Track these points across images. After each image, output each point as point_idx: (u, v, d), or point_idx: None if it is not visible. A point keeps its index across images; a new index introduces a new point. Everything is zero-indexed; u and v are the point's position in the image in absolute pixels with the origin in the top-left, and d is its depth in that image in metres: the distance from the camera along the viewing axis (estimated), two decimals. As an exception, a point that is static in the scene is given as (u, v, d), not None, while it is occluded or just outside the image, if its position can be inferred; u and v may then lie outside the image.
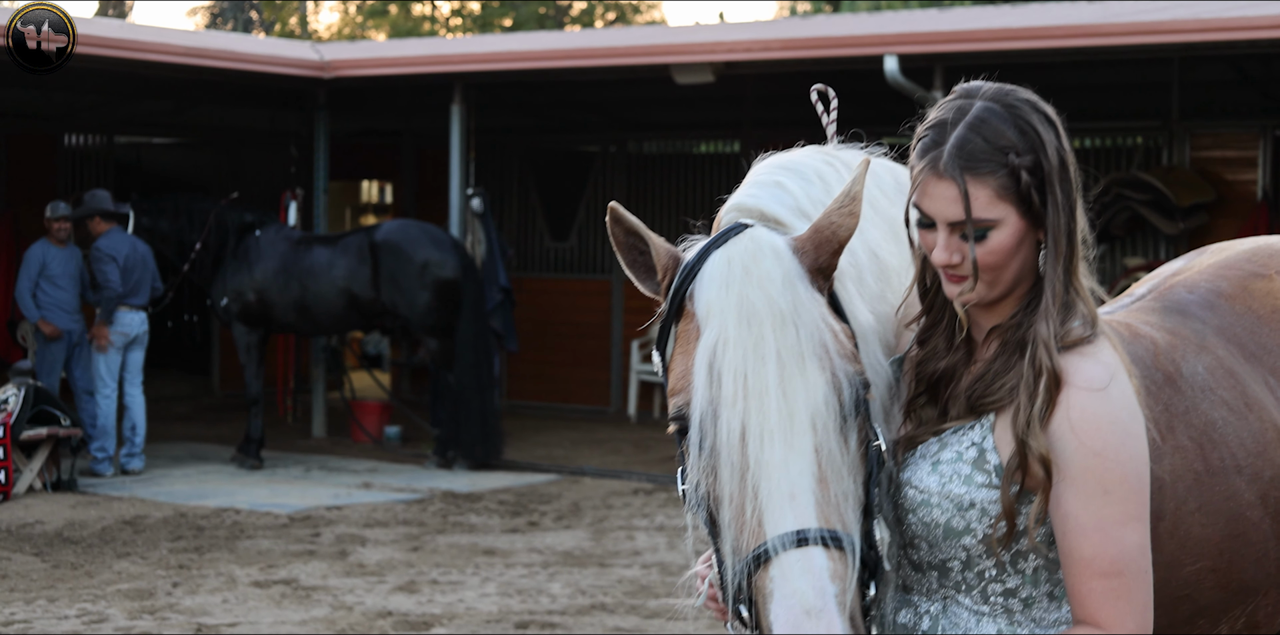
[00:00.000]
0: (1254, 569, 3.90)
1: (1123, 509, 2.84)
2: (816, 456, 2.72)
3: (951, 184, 2.85)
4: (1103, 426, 2.84)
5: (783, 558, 2.65)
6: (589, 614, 9.45)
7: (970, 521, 2.91)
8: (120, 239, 14.51)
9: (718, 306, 2.80)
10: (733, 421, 2.73)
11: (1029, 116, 2.89)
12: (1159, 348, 3.94)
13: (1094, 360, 2.89)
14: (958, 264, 2.89)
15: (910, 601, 3.02)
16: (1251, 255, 4.36)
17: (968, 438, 2.94)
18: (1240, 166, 17.18)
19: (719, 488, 2.76)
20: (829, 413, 2.75)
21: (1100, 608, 2.83)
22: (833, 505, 2.71)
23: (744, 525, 2.72)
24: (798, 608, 2.63)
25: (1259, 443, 3.95)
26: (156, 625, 9.10)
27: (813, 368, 2.75)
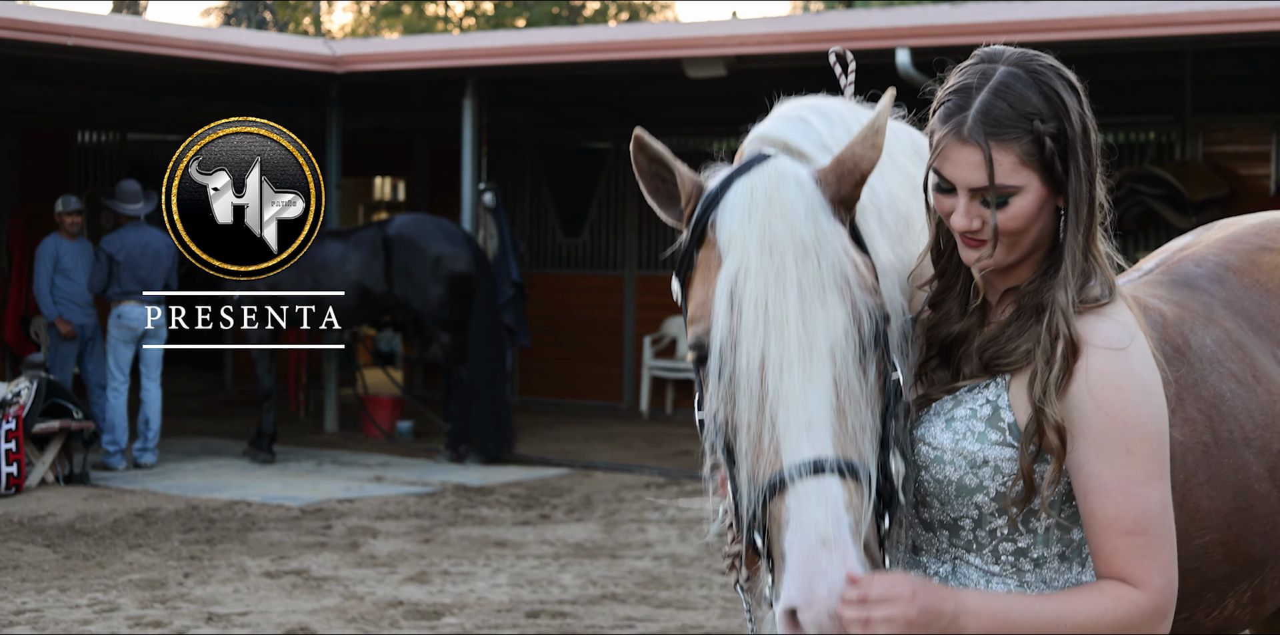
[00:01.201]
0: (1262, 542, 3.89)
1: (1145, 468, 2.84)
2: (835, 387, 2.71)
3: (976, 149, 2.84)
4: (1123, 386, 2.84)
5: (799, 486, 2.65)
6: (600, 604, 9.44)
7: (983, 479, 2.91)
8: (129, 234, 14.49)
9: (739, 235, 2.79)
10: (752, 350, 2.73)
11: (1053, 82, 2.88)
12: (1167, 320, 3.94)
13: (1112, 321, 2.89)
14: (977, 229, 2.88)
15: (919, 563, 3.02)
16: (1260, 229, 4.35)
17: (982, 396, 2.94)
18: (1253, 161, 17.15)
19: (737, 416, 2.76)
20: (848, 344, 2.74)
21: (1126, 565, 2.83)
22: (850, 436, 2.71)
23: (761, 454, 2.72)
24: (813, 537, 2.63)
25: (1267, 415, 3.95)
26: (167, 614, 9.11)
27: (833, 298, 2.74)
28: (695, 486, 13.72)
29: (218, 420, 18.49)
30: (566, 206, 20.70)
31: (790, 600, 2.64)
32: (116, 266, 14.32)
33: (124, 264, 14.33)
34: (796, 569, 2.63)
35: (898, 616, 2.65)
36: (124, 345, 14.52)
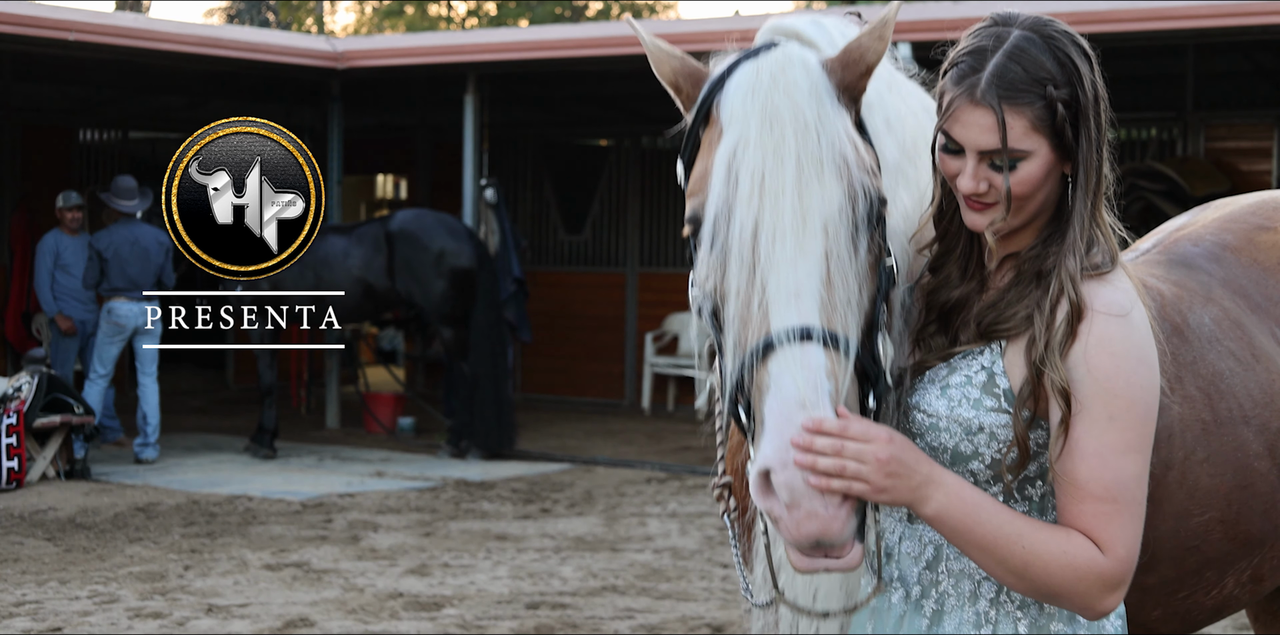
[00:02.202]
0: (1261, 520, 3.89)
1: (1124, 437, 2.81)
2: (825, 260, 2.72)
3: (988, 112, 2.82)
4: (1118, 352, 2.82)
5: (782, 351, 2.66)
6: (600, 595, 9.44)
7: (979, 446, 2.90)
8: (120, 231, 14.47)
9: (741, 111, 2.81)
10: (746, 219, 2.74)
11: (1067, 48, 2.86)
12: (1165, 299, 3.93)
13: (1113, 287, 2.88)
14: (984, 193, 2.87)
15: (915, 532, 3.01)
16: (1257, 208, 4.35)
17: (977, 362, 2.92)
18: (1255, 156, 17.14)
19: (727, 284, 2.77)
20: (842, 220, 2.75)
21: (1094, 527, 2.80)
22: (837, 309, 2.71)
23: (749, 320, 2.73)
24: (792, 399, 2.63)
25: (1266, 393, 3.94)
26: (167, 606, 9.10)
27: (830, 175, 2.75)
28: (697, 481, 13.72)
29: (219, 417, 18.49)
30: (568, 204, 20.70)
31: (765, 462, 2.63)
32: (105, 263, 14.31)
33: (112, 261, 14.31)
34: (773, 431, 2.63)
35: (869, 455, 2.64)
36: (110, 341, 14.50)
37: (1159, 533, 3.69)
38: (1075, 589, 2.77)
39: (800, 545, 2.65)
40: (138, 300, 14.41)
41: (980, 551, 2.76)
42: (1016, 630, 2.92)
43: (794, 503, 2.61)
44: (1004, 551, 2.75)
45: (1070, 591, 2.77)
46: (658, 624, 8.79)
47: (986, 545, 2.75)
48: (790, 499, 2.61)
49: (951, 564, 2.95)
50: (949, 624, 2.95)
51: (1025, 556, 2.75)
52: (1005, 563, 2.76)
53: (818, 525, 2.61)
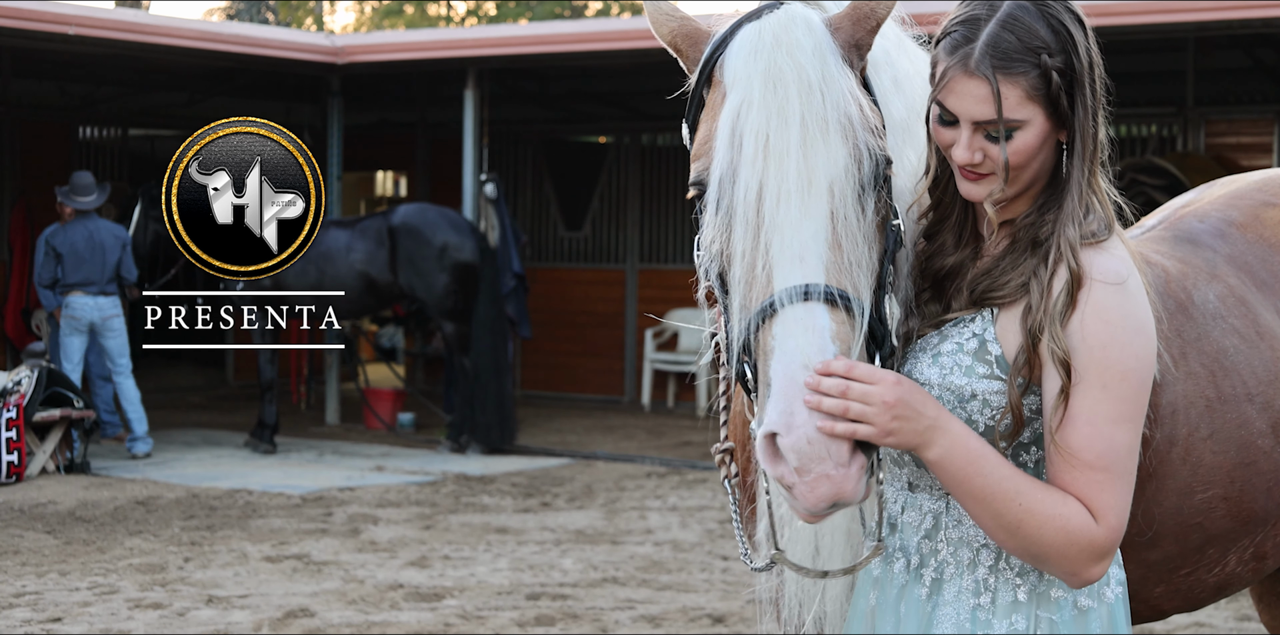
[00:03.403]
0: (1264, 498, 3.87)
1: (1116, 407, 2.79)
2: (831, 221, 2.71)
3: (983, 82, 2.80)
4: (1113, 321, 2.81)
5: (787, 311, 2.65)
6: (600, 587, 9.42)
7: (971, 413, 2.87)
8: (75, 228, 14.46)
9: (744, 72, 2.79)
10: (750, 181, 2.73)
11: (1061, 16, 2.85)
12: (1170, 276, 3.91)
13: (1110, 255, 2.87)
14: (978, 163, 2.85)
15: (916, 501, 2.99)
16: (1263, 185, 4.34)
17: (969, 329, 2.90)
18: (1255, 152, 17.14)
19: (732, 246, 2.76)
20: (847, 180, 2.73)
21: (1086, 494, 2.79)
22: (844, 269, 2.70)
23: (754, 281, 2.72)
24: (797, 361, 2.62)
25: (1270, 371, 3.92)
26: (167, 596, 9.09)
27: (835, 135, 2.73)
28: (698, 476, 13.71)
29: (219, 414, 18.48)
30: (568, 200, 20.68)
31: (771, 425, 2.61)
32: (61, 259, 14.32)
33: (68, 256, 14.31)
34: (779, 393, 2.61)
35: (875, 397, 2.62)
36: (71, 335, 14.47)
37: (1162, 509, 3.68)
38: (1065, 553, 2.75)
39: (816, 510, 2.63)
40: (94, 295, 14.40)
41: (977, 503, 2.75)
42: (1016, 597, 2.91)
43: (804, 467, 2.59)
44: (1000, 506, 2.74)
45: (1059, 555, 2.76)
46: (658, 614, 8.77)
47: (984, 497, 2.74)
48: (800, 463, 2.59)
49: (950, 532, 2.93)
50: (948, 592, 2.94)
51: (1020, 514, 2.74)
52: (1000, 517, 2.75)
53: (830, 487, 2.60)
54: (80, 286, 14.37)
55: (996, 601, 2.91)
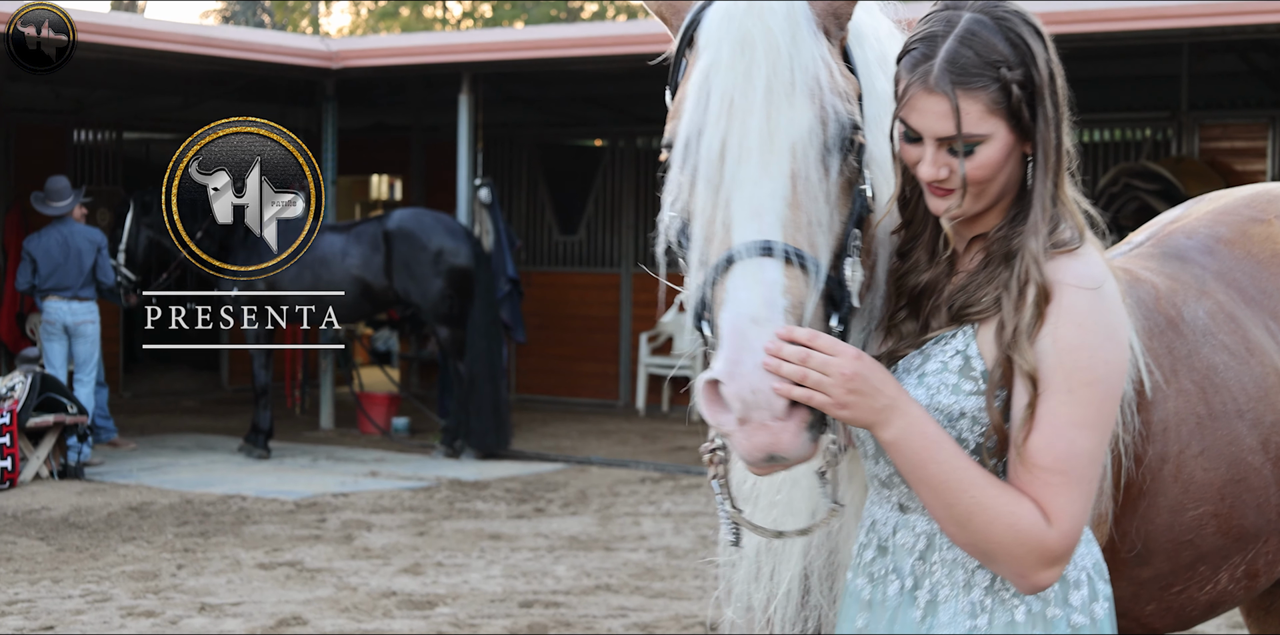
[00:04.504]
0: (1255, 515, 3.87)
1: (1080, 412, 2.78)
2: (792, 181, 2.75)
3: (942, 99, 2.80)
4: (1084, 324, 2.80)
5: (740, 265, 2.69)
6: (593, 594, 9.42)
7: (961, 431, 2.86)
8: (51, 233, 14.49)
9: (716, 35, 2.83)
10: (714, 139, 2.77)
11: (1019, 28, 2.85)
12: (1160, 292, 3.92)
13: (1084, 261, 2.86)
14: (944, 179, 2.85)
15: (909, 522, 2.97)
16: (1250, 200, 4.34)
17: (951, 346, 2.89)
18: (1249, 156, 17.14)
19: (694, 203, 2.81)
20: (811, 141, 2.77)
21: (1041, 496, 2.77)
22: (802, 228, 2.73)
23: (712, 237, 2.76)
24: (745, 314, 2.65)
25: (1260, 387, 3.93)
26: (160, 604, 9.08)
27: (801, 97, 2.77)
28: (691, 481, 13.70)
29: (214, 418, 18.47)
30: (563, 204, 20.68)
31: (714, 373, 2.65)
32: (36, 264, 14.36)
33: (43, 261, 14.36)
34: (725, 344, 2.65)
35: (834, 368, 2.65)
36: (49, 340, 14.52)
37: (1153, 526, 3.68)
38: (1013, 552, 2.74)
39: (752, 459, 2.67)
40: (68, 300, 14.42)
41: (930, 491, 2.76)
42: (1013, 618, 2.88)
43: (745, 416, 2.62)
44: (952, 496, 2.74)
45: (1007, 554, 2.75)
46: (651, 622, 8.77)
47: (937, 485, 2.74)
48: (741, 412, 2.62)
49: (944, 553, 2.91)
50: (944, 614, 2.91)
51: (971, 506, 2.74)
52: (951, 508, 2.75)
53: (768, 437, 2.63)
54: (55, 291, 14.40)
55: (994, 623, 2.89)
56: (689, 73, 2.89)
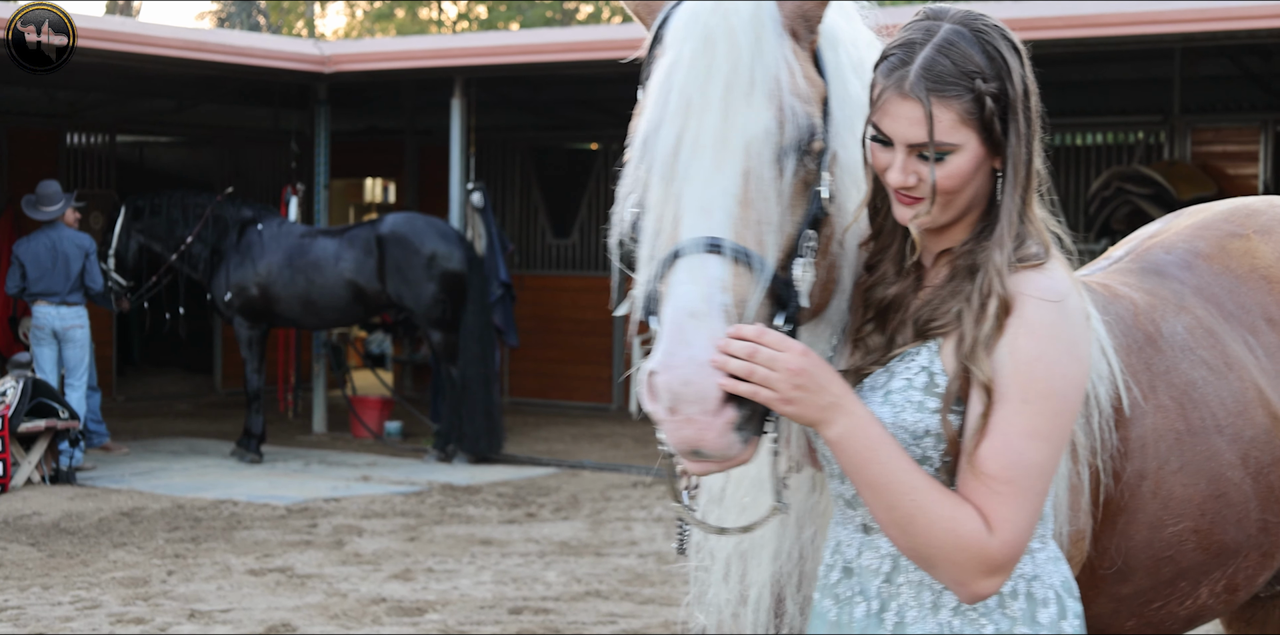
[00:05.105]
0: (1235, 530, 3.88)
1: (1033, 423, 2.76)
2: (744, 180, 2.75)
3: (916, 105, 2.81)
4: (1044, 336, 2.78)
5: (683, 260, 2.70)
6: (583, 600, 9.42)
7: (926, 450, 2.85)
8: (39, 238, 14.52)
9: (681, 34, 2.85)
10: (670, 135, 2.80)
11: (996, 43, 2.85)
12: (1138, 308, 3.92)
13: (1048, 276, 2.85)
14: (913, 186, 2.85)
15: (873, 543, 2.96)
16: (1229, 215, 4.34)
17: (915, 363, 2.88)
18: (1241, 160, 17.16)
19: (648, 197, 2.84)
20: (766, 141, 2.78)
21: (984, 503, 2.76)
22: (751, 226, 2.74)
23: (661, 232, 2.79)
24: (684, 308, 2.66)
25: (1239, 402, 3.93)
26: (149, 611, 9.08)
27: (760, 97, 2.78)
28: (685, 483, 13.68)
29: (207, 421, 18.47)
30: (556, 207, 20.68)
31: (651, 364, 2.66)
32: (25, 269, 14.38)
33: (31, 266, 14.39)
34: (663, 336, 2.66)
35: (780, 363, 2.65)
36: (38, 345, 14.51)
37: (1133, 542, 3.68)
38: (953, 558, 2.73)
39: (679, 451, 2.68)
40: (56, 305, 14.43)
41: (872, 493, 2.75)
42: None
43: (674, 407, 2.63)
44: (893, 498, 2.73)
45: (947, 560, 2.74)
46: (640, 629, 8.78)
47: (879, 486, 2.74)
48: (670, 403, 2.63)
49: (911, 574, 2.90)
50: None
51: (912, 509, 2.73)
52: (893, 511, 2.74)
53: (694, 431, 2.63)
54: (44, 296, 14.42)
55: None
56: (654, 70, 2.91)
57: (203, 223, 15.50)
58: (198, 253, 15.61)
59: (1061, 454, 2.83)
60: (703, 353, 2.62)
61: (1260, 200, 4.49)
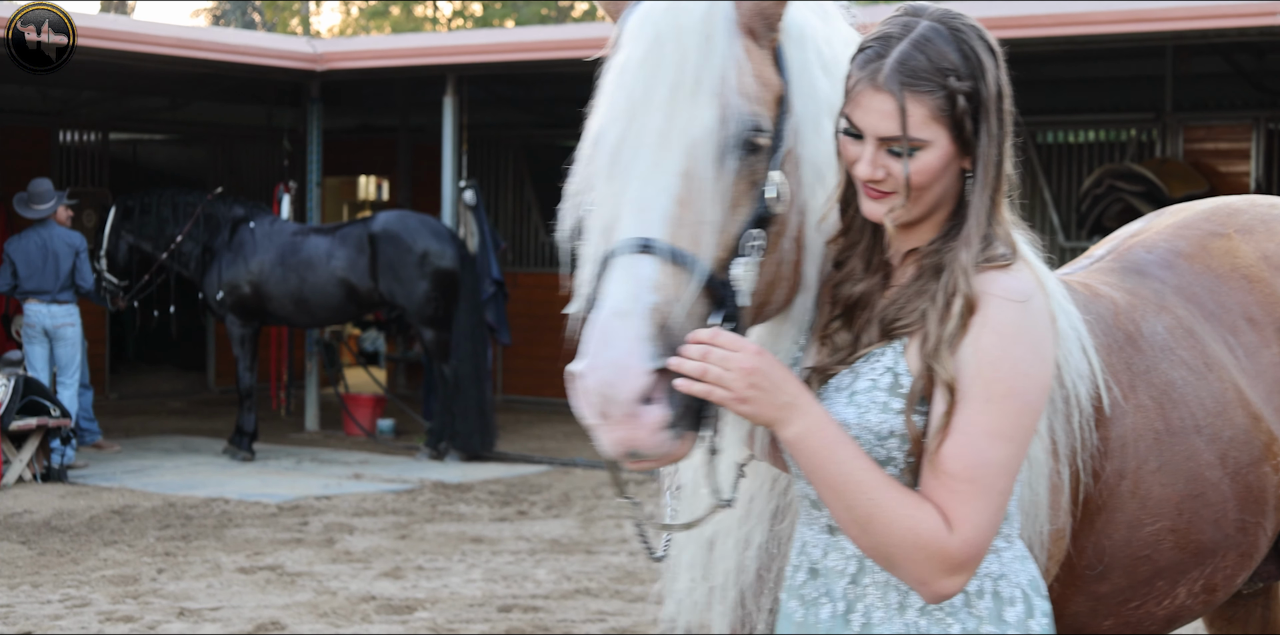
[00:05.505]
0: (1212, 530, 3.88)
1: (996, 422, 2.76)
2: (684, 180, 2.76)
3: (889, 98, 2.80)
4: (1007, 335, 2.78)
5: (617, 261, 2.72)
6: (573, 598, 9.43)
7: (891, 451, 2.85)
8: (31, 236, 14.53)
9: (634, 34, 2.87)
10: (614, 135, 2.82)
11: (973, 42, 2.85)
12: (1119, 307, 3.92)
13: (1014, 276, 2.84)
14: (880, 180, 2.85)
15: (839, 544, 2.95)
16: (1210, 215, 4.35)
17: (880, 364, 2.88)
18: (1233, 158, 17.17)
19: (593, 196, 2.87)
20: (708, 141, 2.79)
21: (945, 502, 2.75)
22: (687, 226, 2.75)
23: (603, 231, 2.82)
24: (610, 308, 2.68)
25: (1218, 402, 3.93)
26: (139, 609, 9.08)
27: (705, 96, 2.79)
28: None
29: (200, 419, 18.47)
30: (549, 205, 20.57)
31: (575, 365, 2.68)
32: (15, 266, 14.39)
33: (21, 264, 14.40)
34: (589, 337, 2.68)
35: (734, 363, 2.67)
36: (30, 343, 14.54)
37: (1111, 542, 3.69)
38: (912, 557, 2.73)
39: (614, 453, 2.68)
40: (47, 303, 14.44)
41: (831, 492, 2.76)
42: None
43: (603, 410, 2.64)
44: (852, 498, 2.74)
45: (906, 558, 2.74)
46: (629, 627, 8.78)
47: (836, 486, 2.75)
48: (600, 405, 2.64)
49: (877, 575, 2.90)
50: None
51: (870, 508, 2.73)
52: (852, 510, 2.75)
53: (625, 433, 2.64)
54: (35, 294, 14.43)
55: None
56: (608, 69, 2.94)
57: (193, 221, 15.50)
58: (188, 251, 15.61)
59: (1025, 453, 2.83)
60: (625, 354, 2.63)
61: (1241, 199, 4.50)
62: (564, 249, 3.01)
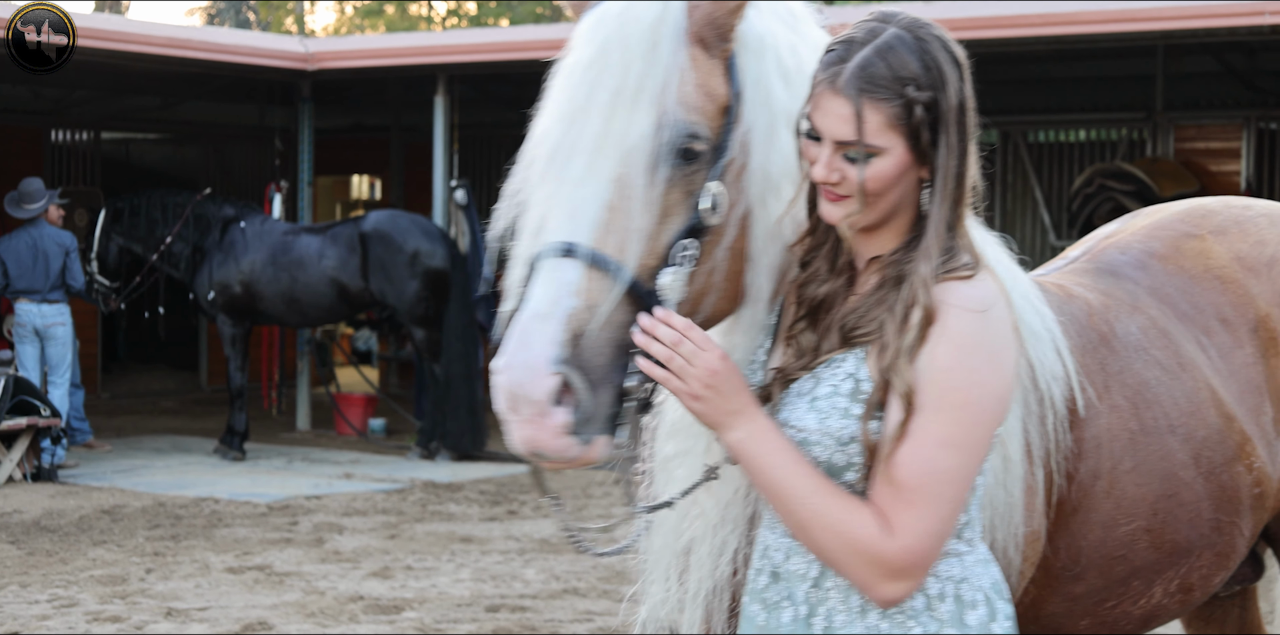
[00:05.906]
0: (1187, 529, 3.89)
1: (948, 431, 2.76)
2: (616, 186, 2.79)
3: (847, 102, 2.80)
4: (964, 345, 2.78)
5: (542, 264, 2.77)
6: (561, 598, 9.43)
7: (852, 456, 2.84)
8: (21, 235, 14.56)
9: (583, 39, 2.90)
10: (553, 137, 2.86)
11: (937, 53, 2.84)
12: (1093, 308, 3.93)
13: (975, 286, 2.84)
14: (835, 183, 2.85)
15: (801, 548, 2.94)
16: (1184, 216, 4.35)
17: (842, 370, 2.88)
18: (1224, 157, 17.18)
19: (527, 199, 2.91)
20: (642, 149, 2.81)
21: (886, 509, 2.77)
22: (614, 233, 2.78)
23: (533, 233, 2.86)
24: (529, 311, 2.72)
25: (1192, 402, 3.94)
26: (126, 609, 9.08)
27: (644, 104, 2.82)
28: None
29: (191, 419, 18.48)
30: (540, 204, 20.65)
31: (495, 363, 2.73)
32: (6, 266, 14.39)
33: (12, 264, 14.43)
34: (509, 338, 2.73)
35: (700, 360, 2.74)
36: (20, 342, 14.56)
37: (1087, 542, 3.70)
38: (848, 561, 2.76)
39: (521, 450, 2.75)
40: (38, 303, 14.44)
41: (773, 498, 2.80)
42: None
43: (513, 407, 2.69)
44: (792, 504, 2.78)
45: (843, 562, 2.78)
46: (617, 627, 8.78)
47: (777, 491, 2.79)
48: (510, 403, 2.70)
49: (838, 579, 2.89)
50: None
51: (807, 514, 2.77)
52: (793, 515, 2.79)
53: (530, 432, 2.70)
54: (25, 294, 14.43)
55: None
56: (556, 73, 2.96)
57: (182, 222, 15.51)
58: (179, 252, 15.61)
59: (980, 462, 2.83)
60: (538, 355, 2.68)
61: (1216, 201, 4.50)
62: (493, 249, 3.03)
